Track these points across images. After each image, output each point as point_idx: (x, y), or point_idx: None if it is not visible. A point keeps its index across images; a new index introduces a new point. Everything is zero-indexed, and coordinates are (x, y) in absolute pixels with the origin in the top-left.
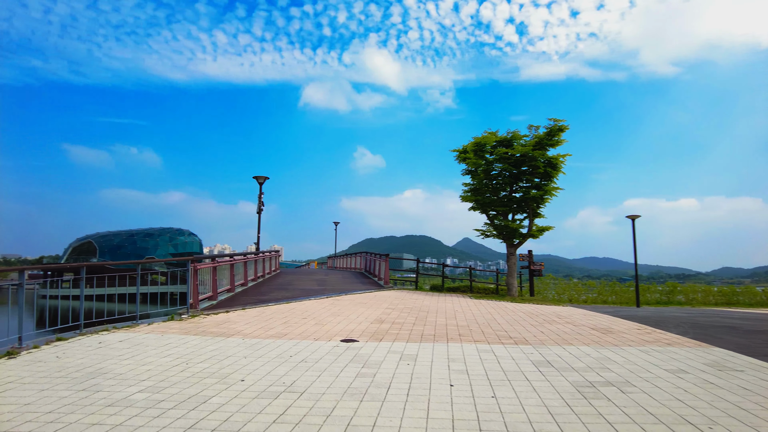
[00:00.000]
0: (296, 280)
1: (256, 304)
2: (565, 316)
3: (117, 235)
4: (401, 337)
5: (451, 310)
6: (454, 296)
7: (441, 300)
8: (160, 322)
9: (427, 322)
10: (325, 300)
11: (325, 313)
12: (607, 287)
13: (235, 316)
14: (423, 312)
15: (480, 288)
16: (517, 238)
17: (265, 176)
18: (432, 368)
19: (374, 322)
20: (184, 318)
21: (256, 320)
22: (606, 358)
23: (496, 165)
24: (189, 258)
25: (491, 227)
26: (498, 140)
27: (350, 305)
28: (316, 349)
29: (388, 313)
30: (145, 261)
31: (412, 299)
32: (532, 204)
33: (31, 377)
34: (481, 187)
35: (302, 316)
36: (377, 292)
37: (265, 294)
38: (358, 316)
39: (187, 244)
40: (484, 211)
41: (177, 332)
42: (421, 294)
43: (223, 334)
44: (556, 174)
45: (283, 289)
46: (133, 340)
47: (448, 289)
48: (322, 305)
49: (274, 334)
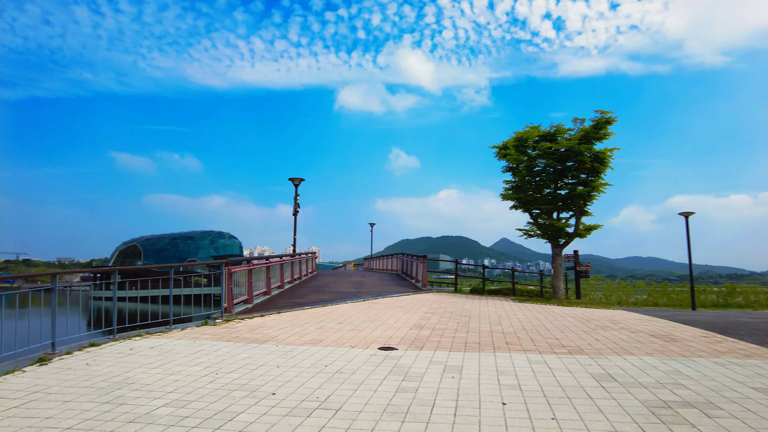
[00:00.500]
0: (332, 282)
1: (292, 307)
2: (619, 321)
3: (160, 239)
4: (443, 345)
5: (494, 315)
6: (497, 299)
7: (483, 304)
8: (194, 327)
9: (470, 329)
10: (361, 303)
11: (361, 317)
12: (657, 288)
13: (269, 321)
14: (465, 317)
15: (523, 290)
16: (563, 238)
17: (300, 178)
18: (480, 382)
19: (413, 327)
20: (218, 323)
21: (291, 325)
22: (677, 372)
23: (539, 161)
24: (223, 261)
25: (535, 226)
26: (541, 135)
27: (387, 309)
28: (353, 358)
29: (428, 317)
30: (178, 264)
31: (452, 303)
32: (579, 201)
33: (58, 387)
34: (524, 185)
35: (338, 321)
36: (415, 295)
37: (300, 297)
38: (396, 321)
39: (227, 246)
40: (527, 209)
41: (209, 338)
42: (460, 297)
43: (256, 341)
44: (603, 169)
45: (319, 292)
46: (164, 346)
47: (489, 292)
48: (359, 309)
49: (309, 341)
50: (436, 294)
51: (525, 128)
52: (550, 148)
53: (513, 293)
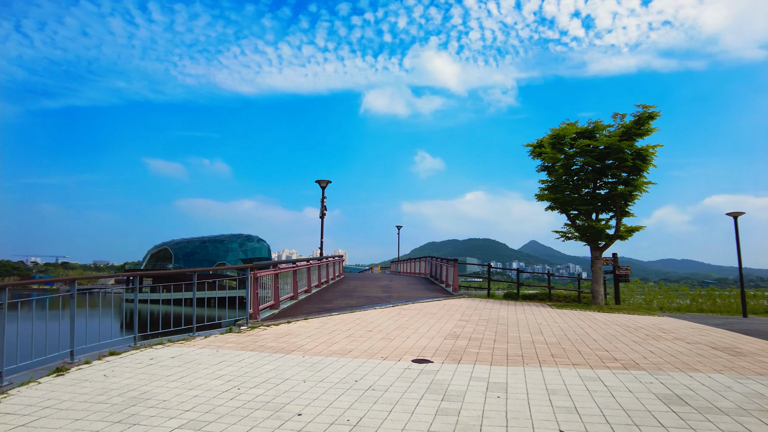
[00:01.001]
0: (360, 286)
1: (319, 313)
2: (670, 330)
3: (191, 242)
4: (483, 357)
5: (534, 323)
6: (533, 305)
7: (519, 310)
8: (218, 334)
9: (509, 338)
10: (390, 309)
11: (392, 325)
12: (702, 293)
13: (296, 328)
14: (502, 325)
15: (559, 296)
16: (603, 240)
17: (327, 180)
18: (530, 404)
19: (448, 337)
20: (243, 330)
21: (319, 333)
22: (759, 395)
23: (576, 159)
24: (248, 265)
25: (572, 228)
26: (578, 131)
27: (419, 316)
28: (385, 372)
29: (462, 325)
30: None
31: (487, 309)
32: (620, 201)
33: (71, 401)
34: (560, 184)
35: (367, 329)
36: (446, 300)
37: (328, 302)
38: (429, 329)
39: (256, 249)
40: (564, 210)
41: (233, 347)
42: (494, 303)
43: (282, 350)
44: (646, 167)
45: (347, 296)
46: (185, 356)
47: (523, 297)
48: (388, 315)
49: (338, 351)
50: (468, 299)
51: (561, 125)
52: (588, 146)
53: (549, 298)
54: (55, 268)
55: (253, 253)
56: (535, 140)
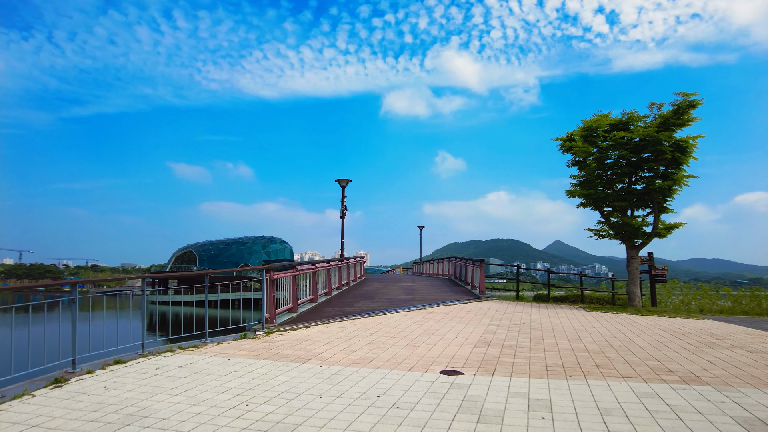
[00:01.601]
0: (382, 287)
1: (340, 317)
2: (723, 336)
3: (214, 245)
4: (519, 368)
5: (570, 328)
6: (566, 308)
7: (552, 313)
8: (231, 341)
9: (546, 346)
10: (414, 313)
11: (416, 330)
12: (746, 294)
13: (314, 333)
14: (536, 330)
15: (593, 297)
16: (640, 238)
17: (347, 179)
18: (581, 427)
19: (478, 344)
20: (258, 335)
21: (338, 339)
22: None
23: (610, 152)
24: (264, 267)
25: (606, 226)
26: (612, 123)
27: (445, 320)
28: (411, 386)
29: (493, 331)
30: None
31: (517, 313)
32: (658, 197)
33: (62, 419)
34: (593, 180)
35: (390, 334)
36: (473, 303)
37: (349, 304)
38: (457, 335)
39: (279, 251)
40: (597, 207)
41: (246, 355)
42: (524, 305)
43: (298, 359)
44: (686, 159)
45: (369, 299)
46: (194, 365)
47: (554, 299)
48: (413, 319)
49: (358, 360)
50: (496, 302)
51: (593, 116)
52: (622, 138)
53: (582, 300)
54: (85, 271)
55: (276, 255)
56: (565, 134)
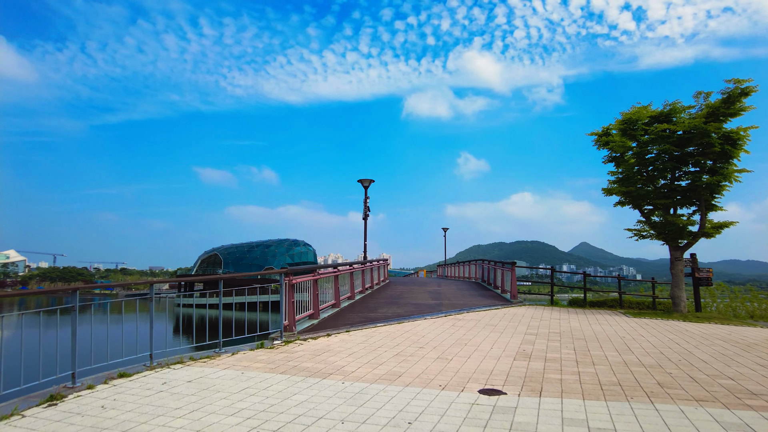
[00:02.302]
0: (407, 291)
1: (364, 323)
2: None
3: (239, 247)
4: (570, 387)
5: (616, 337)
6: (605, 314)
7: (592, 320)
8: (247, 351)
9: (594, 359)
10: (443, 319)
11: (447, 339)
12: None
13: (336, 343)
14: (579, 340)
15: (632, 302)
16: (685, 239)
17: (369, 179)
18: None
19: (518, 356)
20: (276, 345)
21: (363, 349)
22: None
23: (651, 147)
24: (282, 270)
25: (647, 225)
26: (652, 115)
27: (477, 328)
28: (446, 409)
29: (532, 341)
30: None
31: (555, 319)
32: (705, 193)
33: None
34: (632, 176)
35: (419, 344)
36: (505, 309)
37: (373, 310)
38: (492, 345)
39: (302, 254)
40: (636, 205)
41: (261, 368)
42: (560, 311)
43: (318, 373)
44: (737, 153)
45: (394, 304)
46: (204, 380)
47: (591, 304)
48: (442, 327)
49: (385, 375)
50: (529, 308)
51: (632, 108)
52: (664, 131)
53: (620, 305)
54: (115, 274)
55: (300, 258)
56: (600, 128)
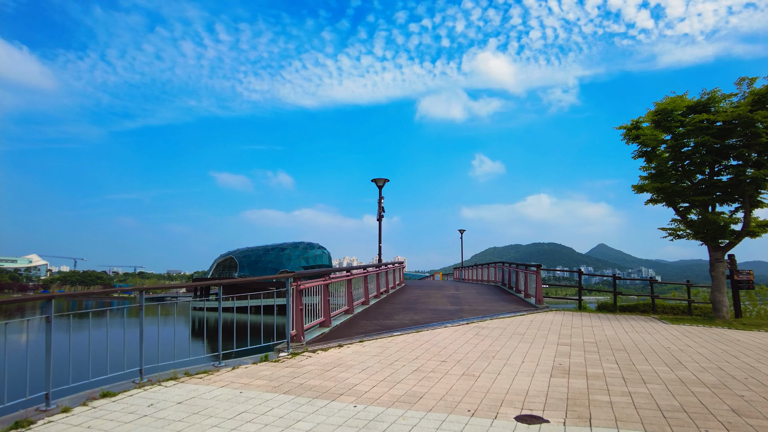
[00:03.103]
0: (424, 296)
1: (379, 332)
2: None
3: (254, 251)
4: (623, 412)
5: (660, 348)
6: (639, 320)
7: (627, 327)
8: (249, 364)
9: (643, 375)
10: (465, 327)
11: (472, 351)
12: None
13: (349, 355)
14: (620, 351)
15: (666, 306)
16: (727, 238)
17: (384, 178)
18: None
19: (555, 372)
20: (282, 357)
21: (377, 363)
22: None
23: (687, 139)
24: (289, 275)
25: (682, 224)
26: (689, 105)
27: (503, 337)
28: None
29: (567, 352)
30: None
31: (587, 327)
32: (750, 189)
33: None
34: (665, 171)
35: (440, 357)
36: (531, 315)
37: (388, 316)
38: (523, 358)
39: (317, 257)
40: (670, 202)
41: (263, 386)
42: (590, 317)
43: (327, 393)
44: None
45: (410, 309)
46: (196, 401)
47: (621, 309)
48: (464, 337)
49: (404, 396)
50: (557, 314)
51: (665, 98)
52: (702, 122)
53: (653, 310)
54: (133, 278)
55: (315, 261)
56: (629, 121)
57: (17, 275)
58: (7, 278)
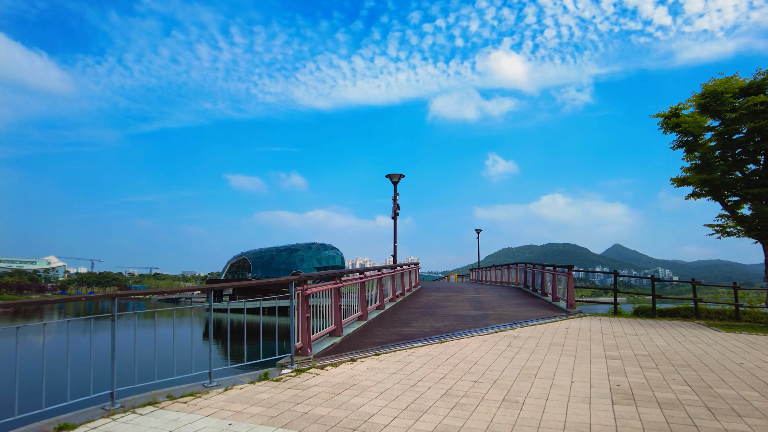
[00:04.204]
0: (443, 299)
1: (397, 342)
2: None
3: (267, 252)
4: None
5: (732, 364)
6: (686, 326)
7: (677, 336)
8: (246, 384)
9: (731, 403)
10: (494, 337)
11: (508, 368)
12: None
13: (363, 372)
14: (684, 368)
15: (710, 311)
16: None
17: (399, 173)
18: None
19: (616, 397)
20: (284, 375)
21: (397, 384)
22: None
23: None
24: (293, 278)
25: (732, 220)
26: (742, 87)
27: (541, 350)
28: None
29: (620, 368)
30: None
31: (631, 335)
32: None
33: None
34: (712, 161)
35: (472, 376)
36: (564, 321)
37: (406, 323)
38: (571, 376)
39: (330, 258)
40: (717, 196)
41: (258, 414)
42: (631, 324)
43: (337, 427)
44: None
45: (430, 315)
46: None
47: (660, 314)
48: (496, 348)
49: None
50: (593, 319)
51: (713, 80)
52: (756, 105)
53: (697, 315)
54: (148, 279)
55: (327, 262)
56: (668, 108)
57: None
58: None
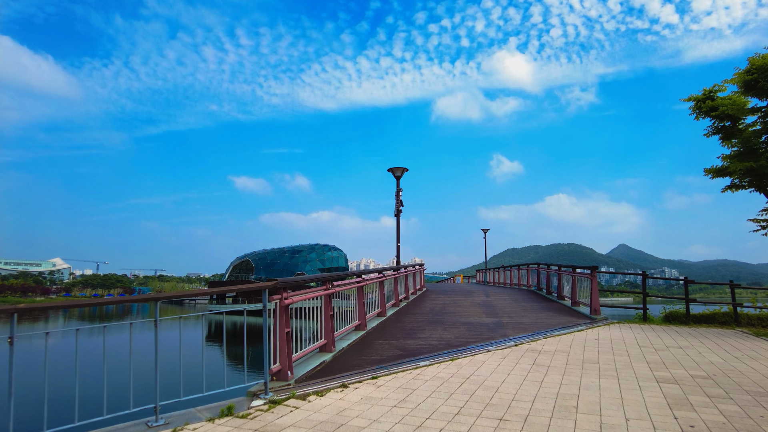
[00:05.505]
0: (451, 303)
1: (399, 361)
2: None
3: (270, 253)
4: None
5: None
6: (730, 335)
7: (728, 348)
8: (204, 421)
9: None
10: (515, 352)
11: (538, 398)
12: None
13: (355, 405)
14: (763, 396)
15: (750, 317)
16: None
17: (402, 167)
18: None
19: None
20: (254, 409)
21: (399, 425)
22: None
23: None
24: (267, 284)
25: None
26: None
27: (574, 369)
28: None
29: (680, 396)
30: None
31: (675, 348)
32: None
33: None
34: (756, 147)
35: (495, 411)
36: (591, 330)
37: (411, 334)
38: (623, 410)
39: (333, 258)
40: (761, 187)
41: None
42: (669, 333)
43: None
44: None
45: (438, 323)
46: None
47: (695, 320)
48: (519, 368)
49: None
50: (623, 327)
51: (758, 54)
52: None
53: (736, 321)
54: (153, 281)
55: (331, 263)
56: (700, 91)
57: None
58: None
